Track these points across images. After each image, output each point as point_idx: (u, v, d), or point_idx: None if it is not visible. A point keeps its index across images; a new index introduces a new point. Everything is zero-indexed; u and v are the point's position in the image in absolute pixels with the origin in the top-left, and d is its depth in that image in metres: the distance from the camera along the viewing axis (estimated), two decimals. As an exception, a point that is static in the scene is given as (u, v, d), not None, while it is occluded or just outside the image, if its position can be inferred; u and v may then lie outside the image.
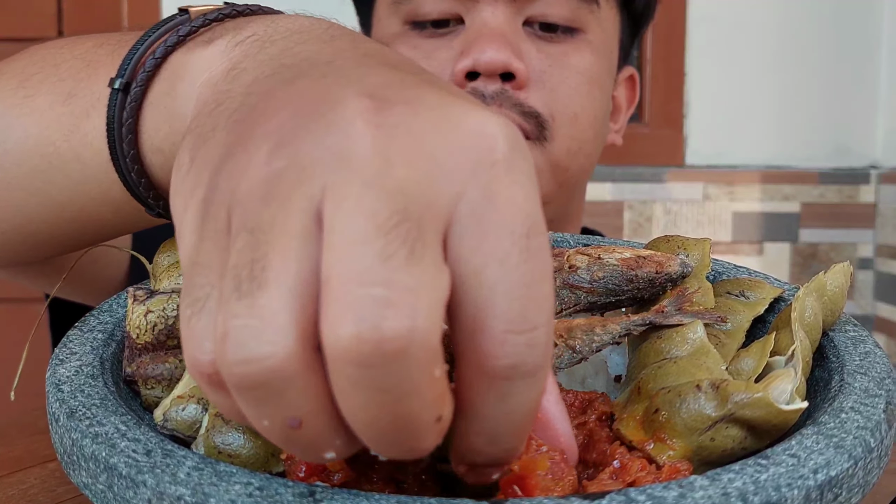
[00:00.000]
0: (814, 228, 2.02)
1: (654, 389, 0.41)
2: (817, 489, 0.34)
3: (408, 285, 0.25)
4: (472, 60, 0.80)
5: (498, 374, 0.27)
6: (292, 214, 0.26)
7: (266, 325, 0.25)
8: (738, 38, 1.94)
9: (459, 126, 0.28)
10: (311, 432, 0.27)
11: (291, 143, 0.28)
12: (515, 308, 0.27)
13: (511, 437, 0.29)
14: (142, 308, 0.45)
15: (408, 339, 0.25)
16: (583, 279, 0.49)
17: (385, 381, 0.25)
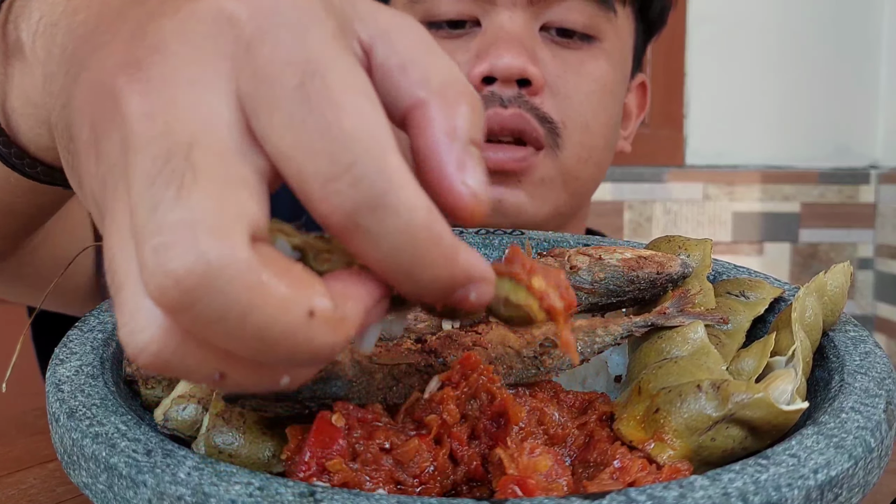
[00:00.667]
0: (814, 228, 2.02)
1: (654, 389, 0.41)
2: (817, 489, 0.34)
3: (181, 220, 0.26)
4: (489, 65, 0.80)
5: (349, 226, 0.27)
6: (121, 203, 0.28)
7: (136, 319, 0.27)
8: (738, 38, 1.94)
9: (196, 30, 0.28)
10: (232, 378, 0.28)
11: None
12: (321, 161, 0.27)
13: (421, 270, 0.28)
14: (142, 308, 0.45)
15: (202, 268, 0.25)
16: (584, 280, 0.49)
17: (214, 313, 0.26)
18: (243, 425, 0.39)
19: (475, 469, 0.38)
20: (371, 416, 0.38)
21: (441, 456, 0.37)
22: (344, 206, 0.27)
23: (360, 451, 0.36)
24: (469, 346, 0.43)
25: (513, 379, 0.42)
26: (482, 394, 0.39)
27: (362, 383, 0.39)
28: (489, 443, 0.39)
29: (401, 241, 0.27)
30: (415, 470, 0.36)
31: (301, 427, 0.38)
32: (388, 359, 0.40)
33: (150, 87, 0.28)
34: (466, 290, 0.30)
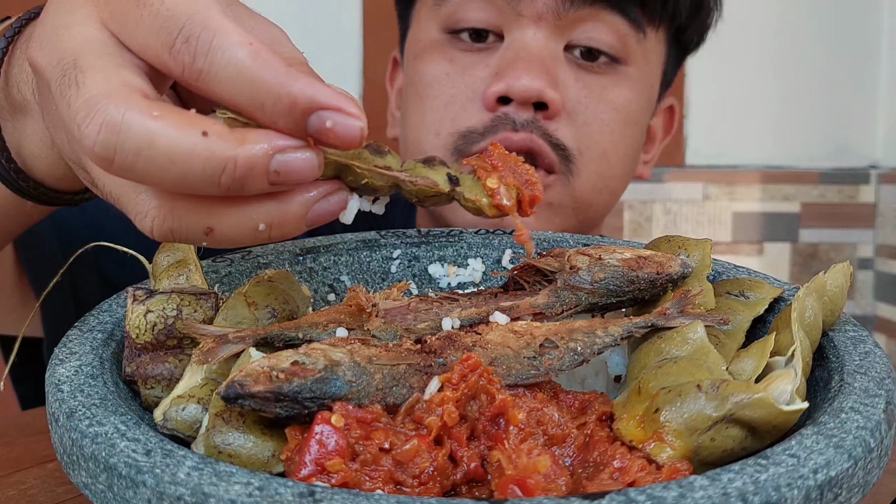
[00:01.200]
0: (814, 228, 2.02)
1: (654, 389, 0.41)
2: (817, 489, 0.34)
3: (83, 102, 0.34)
4: (507, 85, 0.78)
5: (196, 75, 0.35)
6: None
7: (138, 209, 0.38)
8: (738, 38, 1.93)
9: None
10: (219, 230, 0.37)
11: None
12: (163, 37, 0.36)
13: (260, 94, 0.35)
14: (141, 308, 0.45)
15: (107, 121, 0.34)
16: (584, 280, 0.49)
17: (131, 152, 0.34)
18: (243, 425, 0.39)
19: (475, 470, 0.38)
20: (370, 416, 0.38)
21: (441, 456, 0.37)
22: (186, 61, 0.35)
23: (360, 452, 0.36)
24: (469, 347, 0.43)
25: (512, 379, 0.42)
26: (482, 395, 0.39)
27: (361, 384, 0.39)
28: (488, 443, 0.39)
29: (232, 71, 0.34)
30: (414, 470, 0.36)
31: (300, 427, 0.38)
32: (387, 359, 0.40)
33: (43, 43, 0.38)
34: (321, 117, 0.35)
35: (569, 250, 0.51)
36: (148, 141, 0.33)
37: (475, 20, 0.83)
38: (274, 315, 0.46)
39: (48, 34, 0.38)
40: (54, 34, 0.38)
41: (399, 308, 0.46)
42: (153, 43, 0.36)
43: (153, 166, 0.34)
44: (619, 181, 0.87)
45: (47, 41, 0.38)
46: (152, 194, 0.37)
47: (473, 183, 0.41)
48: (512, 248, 0.62)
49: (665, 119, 1.01)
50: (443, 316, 0.46)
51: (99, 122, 0.34)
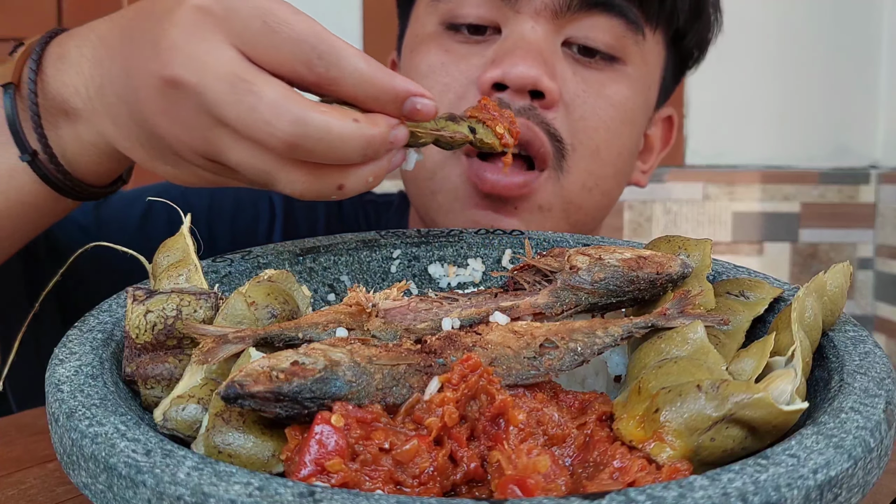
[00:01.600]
0: (814, 228, 2.02)
1: (654, 389, 0.41)
2: (817, 489, 0.34)
3: (268, 103, 0.47)
4: (502, 72, 0.77)
5: (331, 82, 0.49)
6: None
7: (295, 184, 0.50)
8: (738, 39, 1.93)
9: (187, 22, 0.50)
10: (348, 186, 0.51)
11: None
12: (299, 56, 0.48)
13: (377, 91, 0.49)
14: (141, 308, 0.45)
15: (298, 118, 0.46)
16: (584, 280, 0.49)
17: (313, 139, 0.47)
18: (243, 425, 0.39)
19: (475, 470, 0.38)
20: (371, 416, 0.38)
21: (441, 457, 0.37)
22: (322, 73, 0.48)
23: (360, 452, 0.36)
24: (469, 347, 0.43)
25: (512, 380, 0.42)
26: (482, 395, 0.39)
27: (361, 384, 0.39)
28: (488, 444, 0.39)
29: (357, 76, 0.48)
30: (414, 470, 0.36)
31: (300, 427, 0.38)
32: (387, 359, 0.40)
33: (185, 64, 0.48)
34: (412, 102, 0.50)
35: (569, 250, 0.51)
36: (326, 129, 0.47)
37: (473, 16, 0.82)
38: (274, 315, 0.46)
39: (188, 57, 0.48)
40: (197, 57, 0.48)
41: (399, 308, 0.46)
42: (290, 60, 0.48)
43: (328, 146, 0.47)
44: (611, 181, 0.86)
45: (190, 62, 0.48)
46: (299, 167, 0.49)
47: (485, 131, 0.57)
48: (512, 248, 0.62)
49: (664, 130, 1.00)
50: (442, 316, 0.46)
51: (289, 118, 0.46)
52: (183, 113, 0.49)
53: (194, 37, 0.48)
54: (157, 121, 0.51)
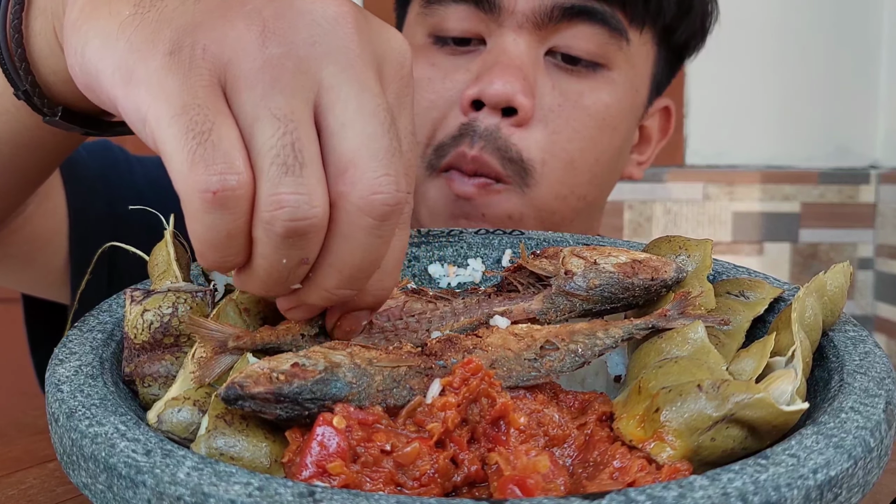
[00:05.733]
0: (814, 228, 2.02)
1: (654, 389, 0.41)
2: (817, 489, 0.34)
3: (398, 169, 0.38)
4: (479, 90, 0.79)
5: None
6: (303, 105, 0.37)
7: (310, 196, 0.36)
8: (738, 38, 1.93)
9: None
10: (307, 266, 0.39)
11: (281, 31, 0.38)
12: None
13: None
14: (138, 308, 0.45)
15: (396, 208, 0.38)
16: (579, 287, 0.49)
17: (383, 228, 0.38)
18: (246, 428, 0.39)
19: (475, 472, 0.38)
20: (372, 418, 0.38)
21: (442, 459, 0.37)
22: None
23: (361, 454, 0.36)
24: (469, 349, 0.43)
25: (513, 381, 0.42)
26: (482, 398, 0.39)
27: (362, 385, 0.39)
28: (489, 446, 0.39)
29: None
30: (415, 473, 0.36)
31: (301, 430, 0.38)
32: (387, 361, 0.40)
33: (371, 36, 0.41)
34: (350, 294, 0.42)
35: (563, 251, 0.51)
36: (387, 241, 0.39)
37: (458, 30, 0.84)
38: (266, 322, 0.46)
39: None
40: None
41: (393, 308, 0.46)
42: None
43: (370, 254, 0.39)
44: (587, 187, 0.87)
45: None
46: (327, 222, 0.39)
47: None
48: (511, 248, 0.62)
49: (661, 120, 1.00)
50: (436, 325, 0.46)
51: (399, 198, 0.38)
52: (196, 77, 0.37)
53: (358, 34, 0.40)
54: (247, 17, 0.39)
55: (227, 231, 0.37)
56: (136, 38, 0.38)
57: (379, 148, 0.37)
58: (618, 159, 0.91)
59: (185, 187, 0.36)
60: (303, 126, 0.37)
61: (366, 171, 0.37)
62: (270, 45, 0.37)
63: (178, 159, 0.36)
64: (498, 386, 0.40)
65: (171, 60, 0.37)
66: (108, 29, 0.40)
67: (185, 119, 0.36)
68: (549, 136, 0.82)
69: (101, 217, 0.86)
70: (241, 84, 0.37)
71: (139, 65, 0.38)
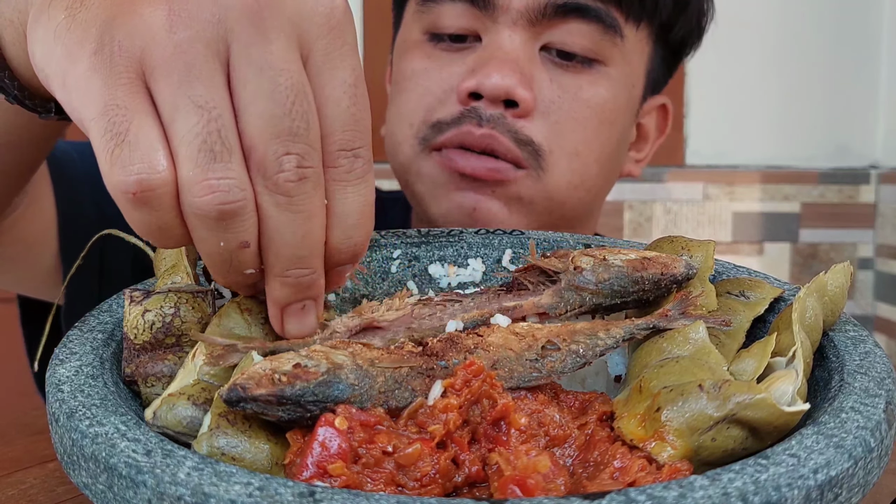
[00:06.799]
0: (814, 228, 2.02)
1: (655, 388, 0.41)
2: (817, 489, 0.34)
3: (306, 146, 0.39)
4: (476, 82, 0.79)
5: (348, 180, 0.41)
6: (221, 89, 0.38)
7: (238, 179, 0.38)
8: (739, 38, 1.93)
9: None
10: (251, 251, 0.39)
11: (186, 13, 0.38)
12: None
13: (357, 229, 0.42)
14: (139, 308, 0.45)
15: (307, 181, 0.39)
16: (588, 280, 0.49)
17: (297, 203, 0.39)
18: (248, 429, 0.39)
19: (476, 473, 0.38)
20: (374, 419, 0.38)
21: (443, 460, 0.37)
22: (343, 165, 0.41)
23: (363, 455, 0.36)
24: (470, 349, 0.43)
25: (514, 382, 0.42)
26: (483, 399, 0.39)
27: (364, 386, 0.39)
28: (489, 447, 0.39)
29: (357, 204, 0.41)
30: (416, 474, 0.36)
31: (302, 431, 0.38)
32: (389, 362, 0.40)
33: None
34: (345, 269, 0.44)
35: (573, 251, 0.51)
36: (312, 213, 0.40)
37: (454, 26, 0.84)
38: (267, 322, 0.46)
39: None
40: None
41: (403, 318, 0.46)
42: (338, 132, 0.41)
43: (294, 226, 0.39)
44: (596, 180, 0.87)
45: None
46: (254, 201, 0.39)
47: None
48: (512, 248, 0.62)
49: (658, 119, 1.01)
50: (446, 319, 0.46)
51: (308, 173, 0.39)
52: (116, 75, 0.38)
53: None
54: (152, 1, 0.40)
55: (157, 225, 0.38)
56: (69, 42, 0.39)
57: (277, 129, 0.38)
58: (618, 154, 0.91)
59: (110, 188, 0.37)
60: (225, 112, 0.38)
61: (266, 153, 0.38)
62: (178, 29, 0.38)
63: (101, 160, 0.37)
64: (499, 387, 0.40)
65: (95, 61, 0.38)
66: (46, 36, 0.40)
67: (104, 121, 0.37)
68: (552, 127, 0.83)
69: (89, 217, 0.86)
70: (157, 73, 0.37)
71: (70, 69, 0.39)
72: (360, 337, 0.45)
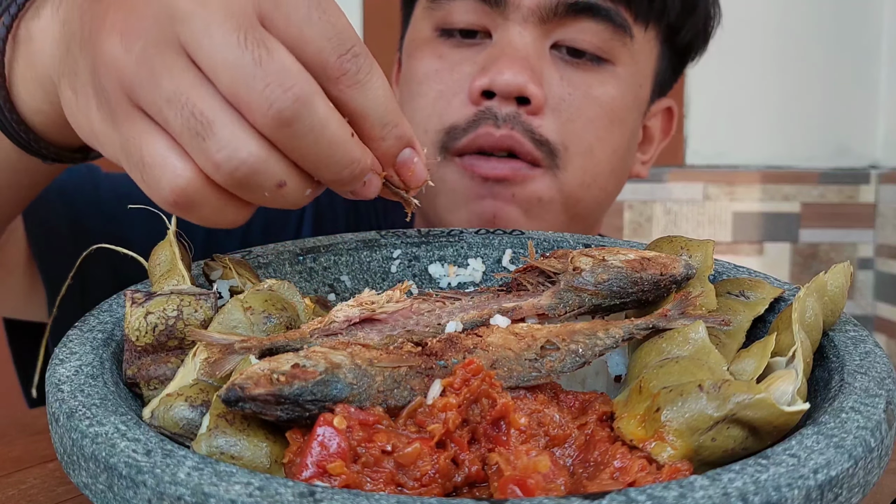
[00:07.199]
0: (814, 228, 2.02)
1: (655, 388, 0.41)
2: (817, 489, 0.34)
3: (280, 69, 0.40)
4: (489, 80, 0.80)
5: (353, 82, 0.43)
6: (184, 73, 0.40)
7: (234, 140, 0.40)
8: (738, 38, 1.93)
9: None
10: (292, 184, 0.43)
11: (131, 26, 0.41)
12: (334, 45, 0.42)
13: (389, 109, 0.45)
14: (141, 310, 0.45)
15: (304, 96, 0.40)
16: (587, 281, 0.49)
17: (306, 127, 0.41)
18: (247, 428, 0.39)
19: (476, 473, 0.38)
20: (373, 418, 0.38)
21: (443, 459, 0.37)
22: (349, 69, 0.42)
23: (362, 454, 0.36)
24: (470, 349, 0.43)
25: (514, 381, 0.42)
26: (483, 399, 0.39)
27: (363, 386, 0.39)
28: (489, 446, 0.39)
29: (376, 96, 0.44)
30: (416, 473, 0.36)
31: (301, 430, 0.38)
32: (388, 361, 0.40)
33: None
34: (411, 155, 0.47)
35: (572, 252, 0.51)
36: (323, 124, 0.41)
37: (465, 22, 0.85)
38: (270, 320, 0.46)
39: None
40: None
41: (402, 311, 0.46)
42: (321, 42, 0.42)
43: (315, 143, 0.41)
44: (608, 178, 0.88)
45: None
46: (265, 145, 0.42)
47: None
48: (512, 248, 0.62)
49: (663, 121, 1.01)
50: (445, 319, 0.46)
51: (296, 91, 0.40)
52: (143, 27, 0.41)
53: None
54: (100, 25, 0.43)
55: (210, 214, 0.43)
56: (81, 105, 0.46)
57: (247, 70, 0.40)
58: (628, 154, 0.92)
59: (158, 204, 0.43)
60: (193, 94, 0.40)
61: (250, 96, 0.40)
62: (131, 45, 0.41)
63: (142, 189, 0.43)
64: (499, 386, 0.40)
65: (101, 114, 0.44)
66: (69, 100, 0.47)
67: (125, 157, 0.43)
68: (564, 125, 0.83)
69: (62, 233, 0.86)
70: (136, 92, 0.41)
71: (91, 126, 0.46)
72: (359, 329, 0.45)
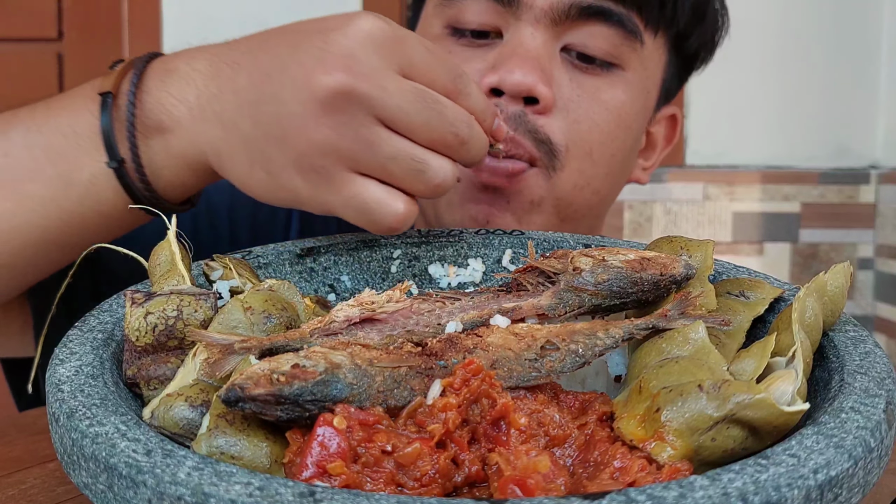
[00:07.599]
0: (814, 229, 2.02)
1: (655, 388, 0.41)
2: (817, 489, 0.34)
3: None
4: (499, 78, 0.80)
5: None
6: (391, 139, 0.57)
7: (443, 166, 0.58)
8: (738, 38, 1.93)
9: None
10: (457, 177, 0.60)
11: (335, 119, 0.56)
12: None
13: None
14: (141, 310, 0.45)
15: (468, 125, 0.59)
16: (587, 282, 0.49)
17: (477, 144, 0.60)
18: (247, 428, 0.39)
19: (476, 473, 0.38)
20: (372, 418, 0.38)
21: (443, 459, 0.37)
22: (461, 87, 0.60)
23: (362, 454, 0.36)
24: (470, 349, 0.43)
25: (513, 382, 0.42)
26: (483, 399, 0.39)
27: (362, 386, 0.39)
28: (489, 446, 0.39)
29: (476, 93, 0.60)
30: (416, 473, 0.36)
31: (301, 430, 0.38)
32: (388, 361, 0.40)
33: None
34: (498, 122, 0.64)
35: (572, 252, 0.51)
36: (481, 131, 0.60)
37: (476, 22, 0.85)
38: (270, 320, 0.46)
39: (362, 66, 0.56)
40: (372, 68, 0.56)
41: (402, 311, 0.46)
42: (441, 73, 0.58)
43: (480, 145, 0.60)
44: (603, 181, 0.88)
45: (364, 72, 0.55)
46: (442, 155, 0.58)
47: None
48: (512, 248, 0.62)
49: (667, 128, 1.02)
50: (445, 319, 0.46)
51: (466, 121, 0.58)
52: (342, 117, 0.56)
53: (367, 50, 0.56)
54: (301, 123, 0.57)
55: (400, 229, 0.58)
56: (285, 177, 0.59)
57: (437, 121, 0.57)
58: (629, 159, 0.92)
59: (380, 233, 0.59)
60: (407, 148, 0.57)
61: (444, 136, 0.57)
62: (342, 131, 0.56)
63: (367, 227, 0.58)
64: (498, 387, 0.40)
65: (311, 183, 0.58)
66: (259, 180, 0.61)
67: (353, 209, 0.57)
68: (571, 126, 0.83)
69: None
70: (356, 161, 0.57)
71: (306, 195, 0.58)
72: (359, 329, 0.45)
